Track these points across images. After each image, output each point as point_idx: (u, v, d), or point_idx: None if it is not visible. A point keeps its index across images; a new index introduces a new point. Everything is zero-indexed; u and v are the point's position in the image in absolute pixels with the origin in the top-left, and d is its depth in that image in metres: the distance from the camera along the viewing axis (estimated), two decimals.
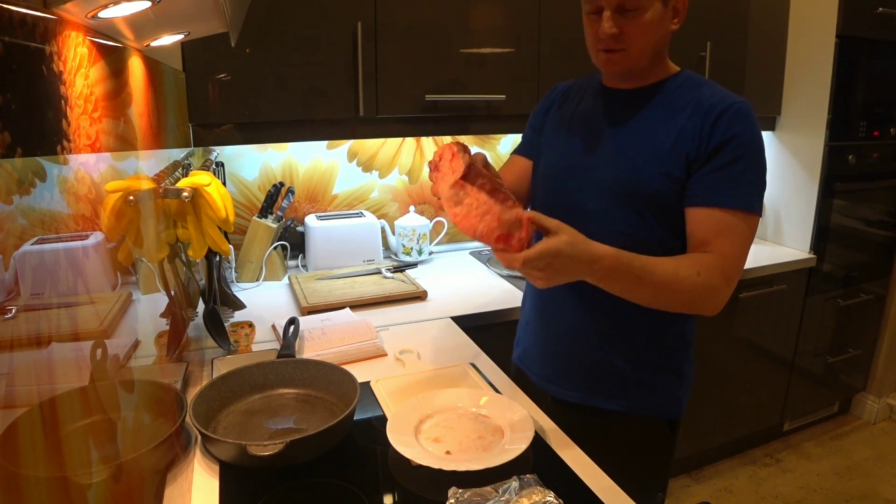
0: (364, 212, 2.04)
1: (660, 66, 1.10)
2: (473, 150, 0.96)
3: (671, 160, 1.03)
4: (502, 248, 0.89)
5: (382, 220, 2.04)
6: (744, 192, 1.00)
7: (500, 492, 0.79)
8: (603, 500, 0.85)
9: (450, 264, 2.07)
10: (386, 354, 1.36)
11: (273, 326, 1.49)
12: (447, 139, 2.13)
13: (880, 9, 2.12)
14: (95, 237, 0.95)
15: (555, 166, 1.19)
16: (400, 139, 2.08)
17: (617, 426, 1.16)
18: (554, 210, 1.13)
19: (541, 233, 0.92)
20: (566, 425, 1.05)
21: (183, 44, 1.44)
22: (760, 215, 1.02)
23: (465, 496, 0.79)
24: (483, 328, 1.58)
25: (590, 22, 1.06)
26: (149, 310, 1.22)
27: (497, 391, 1.17)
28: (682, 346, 1.16)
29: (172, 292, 1.20)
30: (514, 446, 0.92)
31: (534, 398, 1.16)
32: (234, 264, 1.85)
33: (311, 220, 1.95)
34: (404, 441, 0.94)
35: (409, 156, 2.12)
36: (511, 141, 2.22)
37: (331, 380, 1.11)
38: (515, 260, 0.88)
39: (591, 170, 1.11)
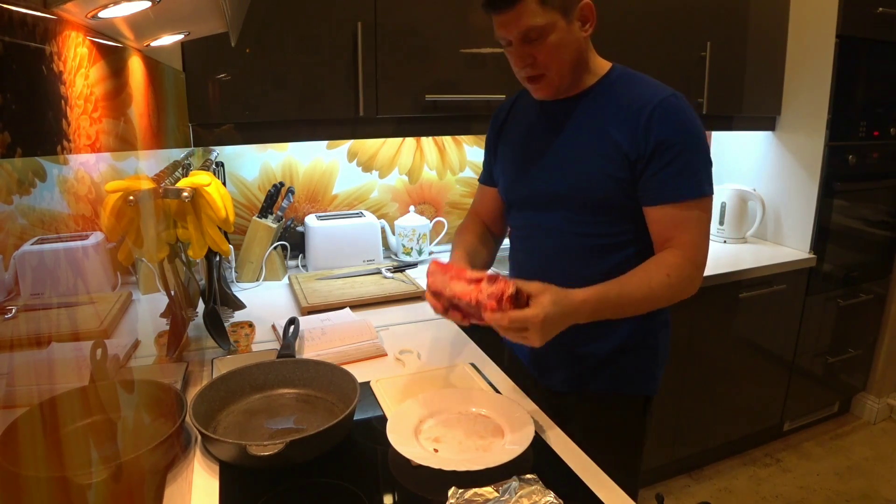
0: (364, 212, 2.04)
1: (587, 73, 1.13)
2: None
3: (612, 163, 1.07)
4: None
5: (382, 220, 2.04)
6: (692, 181, 1.04)
7: (500, 492, 0.79)
8: (603, 500, 0.85)
9: None
10: (386, 354, 1.36)
11: (273, 326, 1.49)
12: (447, 139, 2.14)
13: (880, 9, 2.12)
14: (95, 237, 0.95)
15: (513, 187, 1.24)
16: (400, 139, 2.08)
17: (598, 407, 1.20)
18: (524, 228, 1.23)
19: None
20: (554, 412, 1.09)
21: (183, 44, 1.44)
22: (713, 192, 1.07)
23: (465, 496, 0.79)
24: (483, 328, 1.56)
25: (508, 54, 1.11)
26: (149, 310, 1.22)
27: (497, 391, 1.17)
28: (659, 326, 1.21)
29: (172, 292, 1.20)
30: (514, 446, 0.92)
31: (525, 385, 1.20)
32: (234, 264, 1.85)
33: (311, 220, 1.95)
34: (404, 441, 0.94)
35: (409, 156, 2.12)
36: None
37: (331, 380, 1.11)
38: (503, 319, 0.94)
39: (544, 185, 1.15)
